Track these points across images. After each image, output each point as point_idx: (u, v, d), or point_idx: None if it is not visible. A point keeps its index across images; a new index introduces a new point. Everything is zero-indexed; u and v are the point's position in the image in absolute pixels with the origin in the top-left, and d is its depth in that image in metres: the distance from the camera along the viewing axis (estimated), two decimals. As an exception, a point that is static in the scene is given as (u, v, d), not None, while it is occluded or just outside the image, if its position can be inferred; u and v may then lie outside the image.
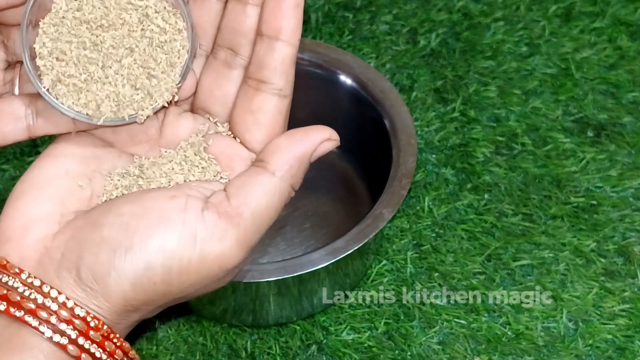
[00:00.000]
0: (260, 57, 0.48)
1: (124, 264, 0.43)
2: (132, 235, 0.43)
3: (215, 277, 0.44)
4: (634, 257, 0.78)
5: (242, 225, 0.44)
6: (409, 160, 0.73)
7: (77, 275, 0.43)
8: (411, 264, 0.78)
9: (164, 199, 0.45)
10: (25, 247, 0.45)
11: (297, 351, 0.74)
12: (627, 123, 0.87)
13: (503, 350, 0.73)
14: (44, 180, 0.46)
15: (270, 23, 0.48)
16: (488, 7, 0.97)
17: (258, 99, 0.48)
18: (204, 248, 0.43)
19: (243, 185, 0.45)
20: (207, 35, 0.50)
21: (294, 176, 0.46)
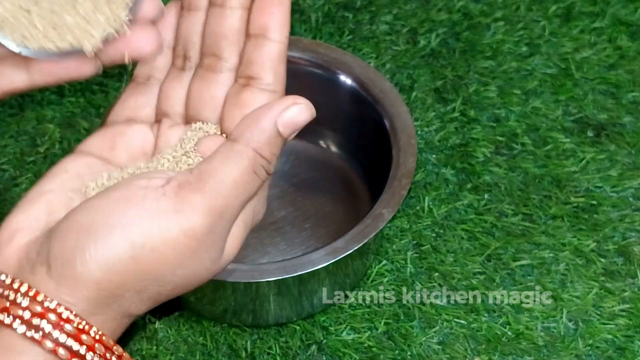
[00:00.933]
0: (249, 55, 0.48)
1: (88, 245, 0.43)
2: (96, 219, 0.43)
3: (186, 249, 0.43)
4: (634, 257, 0.78)
5: (204, 191, 0.44)
6: (409, 160, 0.73)
7: (48, 267, 0.43)
8: (411, 264, 0.78)
9: (126, 183, 0.45)
10: (9, 255, 0.45)
11: (297, 351, 0.74)
12: (627, 123, 0.87)
13: (503, 350, 0.73)
14: (36, 195, 0.47)
15: (255, 22, 0.48)
16: (488, 7, 0.97)
17: (246, 94, 0.48)
18: (167, 218, 0.43)
19: (208, 159, 0.46)
20: (194, 46, 0.50)
21: (258, 142, 0.46)
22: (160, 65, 0.51)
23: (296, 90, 0.85)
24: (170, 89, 0.51)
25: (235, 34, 0.49)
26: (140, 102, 0.51)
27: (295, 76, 0.81)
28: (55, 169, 0.48)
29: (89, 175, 0.48)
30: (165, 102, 0.51)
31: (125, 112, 0.51)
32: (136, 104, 0.51)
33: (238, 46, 0.49)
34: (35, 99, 0.90)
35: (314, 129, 0.86)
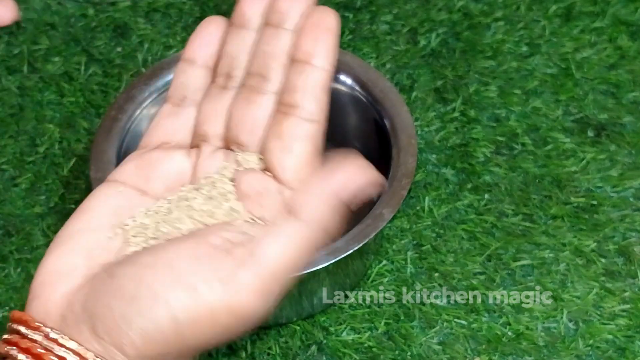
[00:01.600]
0: (292, 81, 0.47)
1: (133, 316, 0.42)
2: (143, 287, 0.42)
3: (230, 327, 0.43)
4: (634, 257, 0.78)
5: (256, 270, 0.42)
6: (409, 160, 0.73)
7: (93, 328, 0.42)
8: (411, 264, 0.78)
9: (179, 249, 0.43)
10: (51, 303, 0.44)
11: (297, 351, 0.74)
12: (627, 123, 0.87)
13: (503, 350, 0.73)
14: (73, 234, 0.46)
15: (302, 47, 0.47)
16: (488, 7, 0.97)
17: (286, 123, 0.46)
18: (215, 298, 0.42)
19: (267, 231, 0.44)
20: (240, 65, 0.49)
21: (325, 220, 0.44)
22: (196, 86, 0.50)
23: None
24: (211, 110, 0.49)
25: (285, 56, 0.48)
26: (175, 125, 0.50)
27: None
28: (90, 203, 0.47)
29: (126, 210, 0.47)
30: (206, 123, 0.49)
31: (159, 136, 0.50)
32: (171, 128, 0.50)
33: (285, 69, 0.48)
34: (35, 99, 0.90)
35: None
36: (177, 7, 0.98)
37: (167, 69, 0.80)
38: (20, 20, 0.94)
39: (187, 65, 0.51)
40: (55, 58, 0.94)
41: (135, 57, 0.93)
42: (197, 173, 0.49)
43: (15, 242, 0.80)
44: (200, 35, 0.50)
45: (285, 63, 0.48)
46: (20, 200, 0.83)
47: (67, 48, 0.95)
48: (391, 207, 0.70)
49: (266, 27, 0.48)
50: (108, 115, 0.78)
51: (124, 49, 0.95)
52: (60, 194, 0.83)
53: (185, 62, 0.51)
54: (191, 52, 0.51)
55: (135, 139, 0.76)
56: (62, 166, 0.85)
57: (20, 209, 0.82)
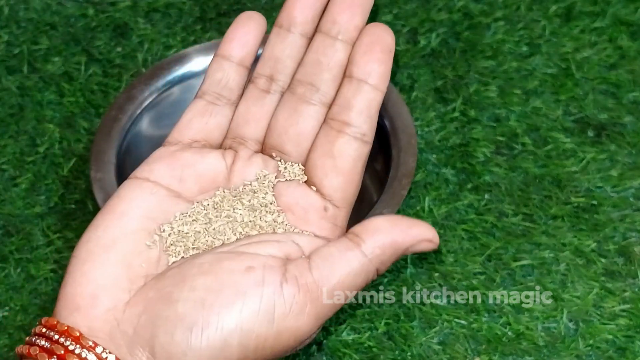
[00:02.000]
0: (347, 98, 0.46)
1: (201, 344, 0.41)
2: (208, 313, 0.41)
3: (289, 349, 0.43)
4: (634, 257, 0.78)
5: (320, 301, 0.43)
6: (409, 160, 0.73)
7: (151, 354, 0.41)
8: (411, 264, 0.78)
9: (240, 272, 0.42)
10: (95, 318, 0.42)
11: (297, 351, 0.74)
12: (627, 123, 0.87)
13: (503, 350, 0.73)
14: (109, 241, 0.44)
15: (360, 65, 0.46)
16: (488, 6, 0.97)
17: (340, 142, 0.46)
18: (281, 324, 0.42)
19: (330, 257, 0.43)
20: (286, 70, 0.48)
21: (383, 262, 0.44)
22: (232, 85, 0.49)
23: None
24: (251, 112, 0.48)
25: (339, 68, 0.47)
26: (210, 124, 0.49)
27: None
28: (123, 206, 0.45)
29: (160, 214, 0.46)
30: (244, 125, 0.48)
31: (192, 133, 0.49)
32: (205, 126, 0.49)
33: (338, 82, 0.47)
34: (35, 99, 0.90)
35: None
36: (177, 7, 0.98)
37: (167, 69, 0.80)
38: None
39: (224, 62, 0.49)
40: (55, 58, 0.94)
41: (135, 57, 0.93)
42: (233, 177, 0.48)
43: (15, 242, 0.80)
44: (239, 32, 0.49)
45: (338, 76, 0.47)
46: (20, 200, 0.83)
47: (67, 48, 0.95)
48: (391, 207, 0.70)
49: (319, 36, 0.47)
50: (108, 115, 0.78)
51: (124, 49, 0.95)
52: (60, 194, 0.83)
53: (222, 59, 0.49)
54: (229, 48, 0.49)
55: (135, 139, 0.76)
56: (62, 166, 0.85)
57: (20, 209, 0.82)
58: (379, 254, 0.44)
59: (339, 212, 0.47)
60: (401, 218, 0.45)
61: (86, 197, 0.82)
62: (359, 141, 0.46)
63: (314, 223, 0.46)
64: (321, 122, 0.47)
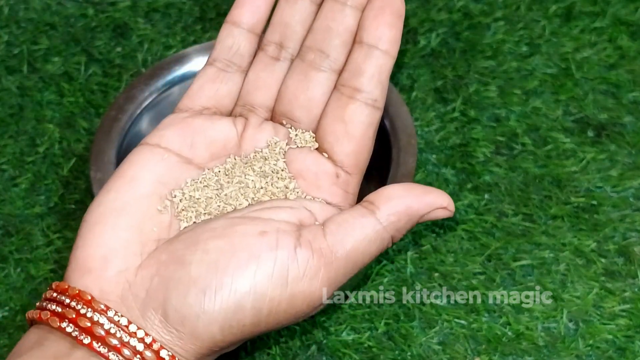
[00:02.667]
0: (358, 64, 0.46)
1: (214, 306, 0.41)
2: (221, 275, 0.41)
3: (301, 314, 0.43)
4: (634, 257, 0.78)
5: (335, 265, 0.42)
6: (409, 160, 0.73)
7: (163, 316, 0.41)
8: (411, 264, 0.78)
9: (253, 235, 0.42)
10: (106, 280, 0.42)
11: (297, 351, 0.74)
12: (627, 123, 0.87)
13: (503, 350, 0.73)
14: (121, 205, 0.44)
15: (371, 30, 0.45)
16: (488, 7, 0.97)
17: (351, 107, 0.46)
18: (295, 288, 0.42)
19: (344, 223, 0.43)
20: (295, 36, 0.48)
21: (399, 229, 0.44)
22: (243, 51, 0.48)
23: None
24: (261, 79, 0.48)
25: (349, 34, 0.46)
26: (221, 91, 0.48)
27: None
28: (134, 171, 0.45)
29: (171, 179, 0.45)
30: (254, 92, 0.48)
31: (202, 101, 0.48)
32: (215, 93, 0.48)
33: (348, 48, 0.46)
34: (35, 99, 0.90)
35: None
36: (177, 7, 0.98)
37: (167, 69, 0.80)
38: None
39: (234, 28, 0.48)
40: (55, 58, 0.94)
41: (135, 57, 0.93)
42: (244, 144, 0.47)
43: (15, 242, 0.80)
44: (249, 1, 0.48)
45: (348, 42, 0.46)
46: (20, 200, 0.83)
47: (67, 48, 0.95)
48: (391, 207, 0.70)
49: (328, 1, 0.47)
50: (108, 115, 0.78)
51: (123, 49, 0.95)
52: (60, 194, 0.83)
53: (232, 25, 0.48)
54: (239, 14, 0.48)
55: (135, 139, 0.76)
56: (62, 166, 0.85)
57: (20, 209, 0.82)
58: (394, 220, 0.44)
59: (350, 178, 0.46)
60: (416, 186, 0.45)
61: (86, 197, 0.82)
62: (370, 107, 0.46)
63: (326, 189, 0.46)
64: (332, 88, 0.47)
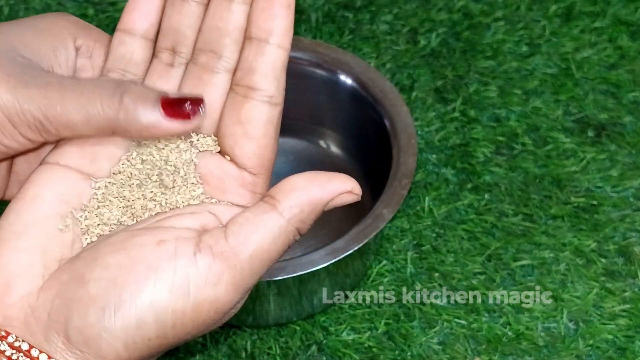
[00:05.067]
0: (249, 61, 0.44)
1: (115, 324, 0.40)
2: (120, 291, 0.40)
3: (211, 322, 0.41)
4: (634, 257, 0.78)
5: (239, 266, 0.41)
6: (409, 160, 0.73)
7: (66, 338, 0.40)
8: (411, 264, 0.78)
9: (151, 246, 0.41)
10: (9, 307, 0.41)
11: (297, 351, 0.74)
12: (627, 123, 0.87)
13: (503, 350, 0.73)
14: (21, 227, 0.43)
15: (259, 24, 0.44)
16: (488, 6, 0.97)
17: (247, 107, 0.44)
18: (198, 296, 0.40)
19: (246, 222, 0.42)
20: (186, 41, 0.46)
21: (303, 220, 0.43)
22: (137, 59, 0.47)
23: (296, 90, 0.85)
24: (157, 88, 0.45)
25: (239, 31, 0.45)
26: None
27: (295, 76, 0.81)
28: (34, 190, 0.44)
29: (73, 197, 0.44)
30: None
31: None
32: None
33: (240, 46, 0.45)
34: (35, 99, 0.90)
35: (314, 129, 0.86)
36: (177, 7, 0.98)
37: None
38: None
39: (126, 36, 0.47)
40: (56, 58, 0.94)
41: (136, 57, 0.94)
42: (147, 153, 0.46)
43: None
44: (138, 4, 0.46)
45: (239, 39, 0.45)
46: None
47: (67, 48, 0.95)
48: (391, 207, 0.70)
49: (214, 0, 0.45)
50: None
51: None
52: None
53: (124, 33, 0.47)
54: (129, 21, 0.47)
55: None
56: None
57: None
58: (297, 213, 0.42)
59: (257, 179, 0.45)
60: (318, 173, 0.43)
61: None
62: (266, 104, 0.44)
63: (232, 192, 0.45)
64: (228, 89, 0.46)
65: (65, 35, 0.48)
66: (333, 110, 0.83)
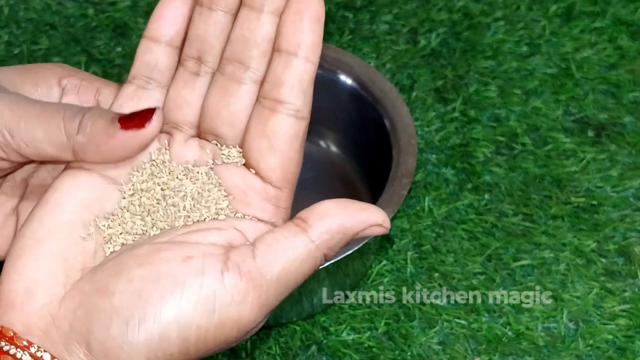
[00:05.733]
0: (277, 74, 0.44)
1: (138, 337, 0.40)
2: (145, 305, 0.40)
3: (233, 340, 0.42)
4: (634, 257, 0.78)
5: (265, 287, 0.41)
6: (409, 160, 0.74)
7: (87, 349, 0.40)
8: (411, 264, 0.78)
9: (178, 262, 0.41)
10: (30, 315, 0.41)
11: (297, 351, 0.74)
12: (627, 123, 0.87)
13: (503, 350, 0.73)
14: (43, 234, 0.43)
15: (289, 37, 0.44)
16: (488, 6, 0.97)
17: (273, 120, 0.44)
18: (223, 314, 0.40)
19: (275, 242, 0.42)
20: (213, 50, 0.46)
21: (331, 247, 0.43)
22: (162, 67, 0.47)
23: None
24: (182, 97, 0.46)
25: (267, 43, 0.45)
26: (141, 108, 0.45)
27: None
28: (57, 196, 0.44)
29: (96, 202, 0.44)
30: (176, 110, 0.46)
31: None
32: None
33: (268, 57, 0.45)
34: (35, 99, 0.91)
35: (315, 129, 0.86)
36: (177, 7, 0.98)
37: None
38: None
39: (152, 44, 0.47)
40: (56, 58, 0.94)
41: (135, 57, 0.94)
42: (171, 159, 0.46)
43: None
44: (165, 11, 0.46)
45: (267, 51, 0.45)
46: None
47: (67, 48, 0.95)
48: (391, 207, 0.70)
49: (244, 10, 0.45)
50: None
51: (123, 48, 0.95)
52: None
53: (150, 40, 0.47)
54: (156, 29, 0.47)
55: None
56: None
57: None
58: (327, 239, 0.42)
59: (281, 193, 0.45)
60: (351, 202, 0.43)
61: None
62: (293, 118, 0.44)
63: (256, 206, 0.45)
64: (254, 101, 0.45)
65: (49, 74, 0.49)
66: (333, 110, 0.83)
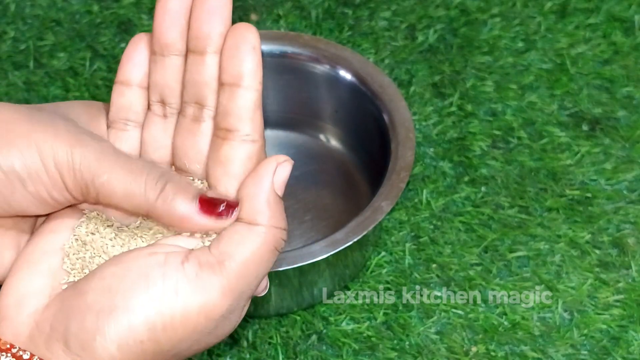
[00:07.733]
0: (224, 105, 0.46)
1: (109, 327, 0.42)
2: (113, 297, 0.42)
3: (204, 329, 0.44)
4: (628, 248, 0.79)
5: (226, 273, 0.43)
6: (407, 154, 0.74)
7: (65, 345, 0.43)
8: (409, 255, 0.79)
9: (143, 256, 0.44)
10: (19, 324, 0.44)
11: (297, 341, 0.75)
12: (621, 117, 0.88)
13: (500, 340, 0.74)
14: (37, 255, 0.46)
15: (229, 70, 0.46)
16: (485, 3, 0.97)
17: (225, 148, 0.47)
18: (186, 300, 0.42)
19: (225, 234, 0.44)
20: (174, 93, 0.48)
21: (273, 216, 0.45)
22: (137, 108, 0.49)
23: (297, 85, 0.85)
24: (154, 139, 0.49)
25: (215, 81, 0.47)
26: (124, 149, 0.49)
27: (295, 72, 0.82)
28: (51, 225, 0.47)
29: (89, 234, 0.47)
30: (153, 153, 0.49)
31: None
32: None
33: (217, 94, 0.47)
34: (41, 94, 0.91)
35: (314, 123, 0.86)
36: (179, 3, 0.99)
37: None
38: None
39: (124, 87, 0.50)
40: (61, 54, 0.95)
41: (139, 53, 0.94)
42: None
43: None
44: (132, 56, 0.49)
45: (216, 87, 0.47)
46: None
47: (72, 44, 0.96)
48: (390, 199, 0.71)
49: (190, 55, 0.47)
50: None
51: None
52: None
53: (122, 85, 0.50)
54: (125, 73, 0.49)
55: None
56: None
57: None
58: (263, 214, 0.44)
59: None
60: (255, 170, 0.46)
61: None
62: (245, 143, 0.47)
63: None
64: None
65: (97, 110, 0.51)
66: (332, 104, 0.84)
